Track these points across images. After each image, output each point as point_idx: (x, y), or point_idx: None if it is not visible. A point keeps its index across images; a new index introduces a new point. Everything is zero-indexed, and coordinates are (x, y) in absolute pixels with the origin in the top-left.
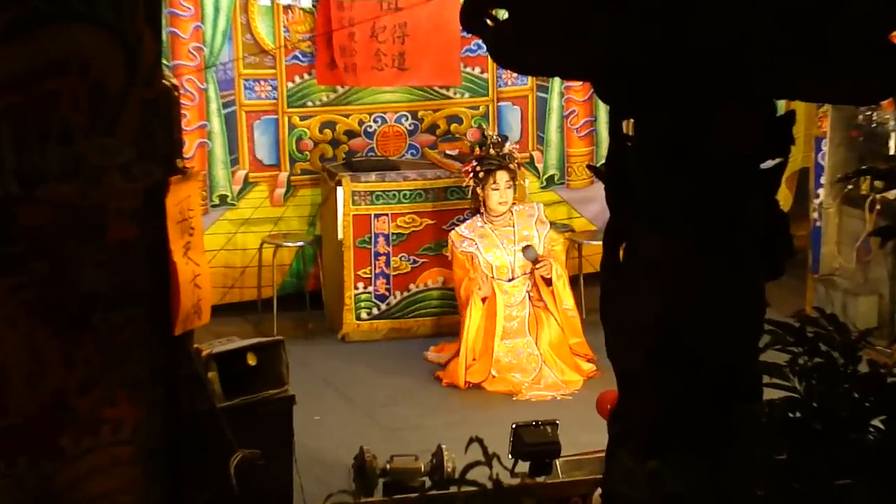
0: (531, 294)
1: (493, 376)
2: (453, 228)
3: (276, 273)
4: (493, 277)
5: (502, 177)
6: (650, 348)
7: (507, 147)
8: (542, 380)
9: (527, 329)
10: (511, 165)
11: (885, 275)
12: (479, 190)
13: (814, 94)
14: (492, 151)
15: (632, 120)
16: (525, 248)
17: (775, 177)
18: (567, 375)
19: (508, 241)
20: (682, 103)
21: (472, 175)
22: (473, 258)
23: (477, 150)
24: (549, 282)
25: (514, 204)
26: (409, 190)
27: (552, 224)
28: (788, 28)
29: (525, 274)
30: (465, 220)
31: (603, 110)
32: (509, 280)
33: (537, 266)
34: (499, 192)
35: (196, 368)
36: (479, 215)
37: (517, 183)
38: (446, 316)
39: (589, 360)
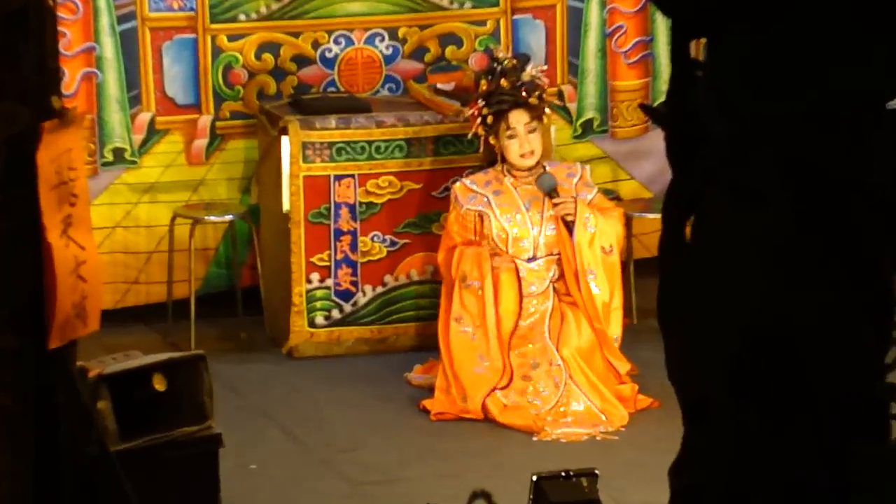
0: (555, 284)
1: (505, 405)
2: (458, 180)
3: (196, 261)
4: (506, 252)
5: (518, 118)
6: (732, 367)
7: (529, 71)
8: (570, 403)
9: (546, 330)
10: (531, 99)
11: None
12: (491, 139)
13: None
14: (504, 82)
15: (704, 39)
16: (539, 176)
17: None
18: (606, 402)
19: (535, 204)
20: (782, 15)
21: (479, 119)
22: (483, 219)
23: (483, 84)
24: (570, 229)
25: (542, 159)
26: (385, 141)
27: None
28: None
29: (553, 254)
30: (474, 171)
31: (662, 26)
32: (530, 259)
33: (556, 203)
34: (517, 140)
35: (80, 396)
36: (494, 166)
37: (542, 124)
38: (435, 322)
39: (626, 378)
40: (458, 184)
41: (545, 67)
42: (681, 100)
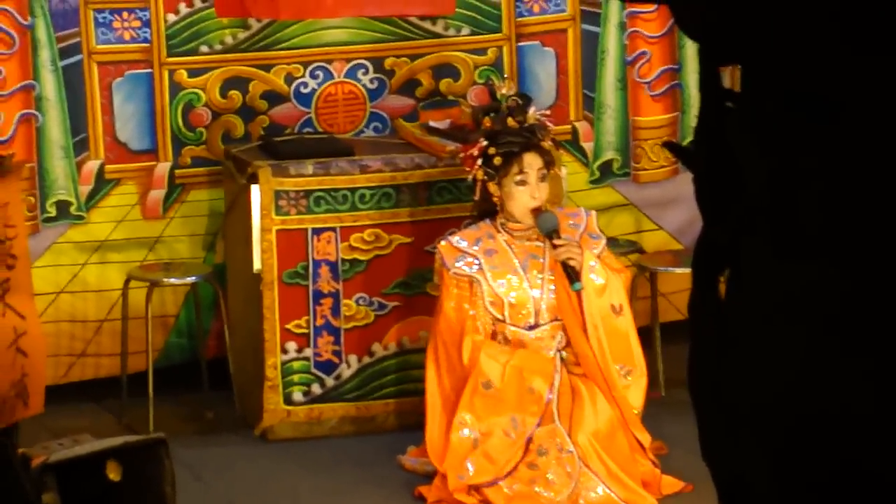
0: (563, 352)
1: (510, 496)
2: (444, 239)
3: (154, 330)
4: (502, 320)
5: (532, 162)
6: (776, 446)
7: (532, 114)
8: (586, 493)
9: (556, 410)
10: (545, 143)
11: None
12: (492, 185)
13: None
14: (511, 121)
15: (738, 66)
16: (539, 214)
17: None
18: (629, 491)
19: (533, 264)
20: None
21: (479, 161)
22: (473, 285)
23: (485, 121)
24: (572, 277)
25: (543, 207)
26: (371, 188)
27: (610, 240)
28: None
29: (558, 319)
30: (464, 227)
31: (692, 52)
32: (531, 328)
33: (556, 245)
34: (528, 187)
35: (22, 486)
36: (487, 220)
37: (552, 172)
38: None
39: (651, 455)
40: (443, 243)
41: (548, 111)
42: (712, 136)
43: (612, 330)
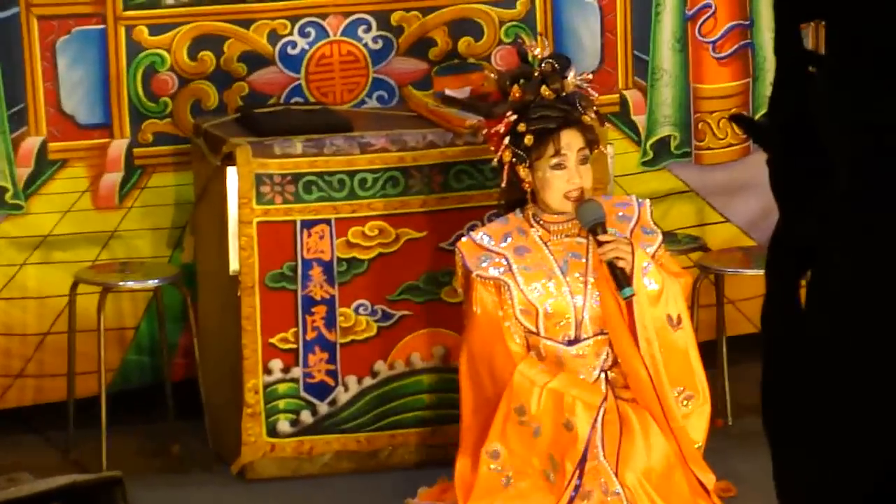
0: (609, 373)
1: None
2: (465, 234)
3: (108, 346)
4: (535, 333)
5: (571, 141)
6: (872, 487)
7: (572, 78)
8: None
9: (600, 444)
10: (587, 115)
11: None
12: (522, 169)
13: None
14: (546, 90)
15: (823, 22)
16: (580, 204)
17: None
18: None
19: (575, 265)
20: None
21: (506, 139)
22: (501, 290)
23: (514, 90)
24: (621, 281)
25: (586, 195)
26: (374, 171)
27: (667, 236)
28: None
29: (603, 333)
30: (489, 220)
31: (765, 4)
32: (571, 342)
33: (601, 241)
34: (566, 171)
35: None
36: (517, 212)
37: (596, 153)
38: (455, 425)
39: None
40: (464, 240)
41: (591, 76)
42: (791, 107)
43: (669, 346)
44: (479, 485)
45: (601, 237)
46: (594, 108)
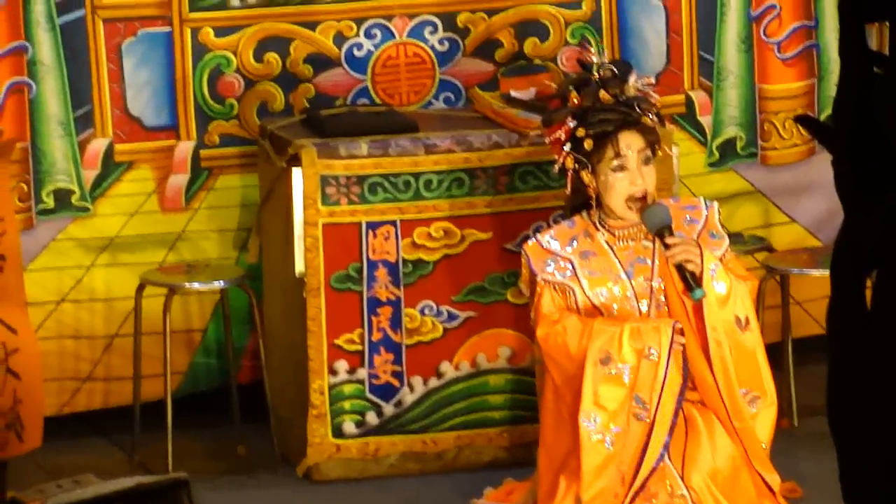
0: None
1: None
2: (531, 237)
3: (174, 348)
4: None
5: (630, 142)
6: None
7: (634, 82)
8: None
9: (666, 447)
10: (648, 118)
11: None
12: (585, 174)
13: None
14: (605, 94)
15: (889, 23)
16: (648, 208)
17: None
18: None
19: (640, 269)
20: None
21: (567, 145)
22: (567, 294)
23: (573, 96)
24: (691, 284)
25: (651, 198)
26: (439, 173)
27: (733, 237)
28: None
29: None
30: (555, 223)
31: (830, 5)
32: None
33: (669, 244)
34: (628, 173)
35: None
36: (584, 214)
37: (660, 154)
38: (520, 426)
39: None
40: (530, 243)
41: (653, 80)
42: (856, 108)
43: (738, 348)
44: (585, 454)
45: (668, 240)
46: (655, 109)
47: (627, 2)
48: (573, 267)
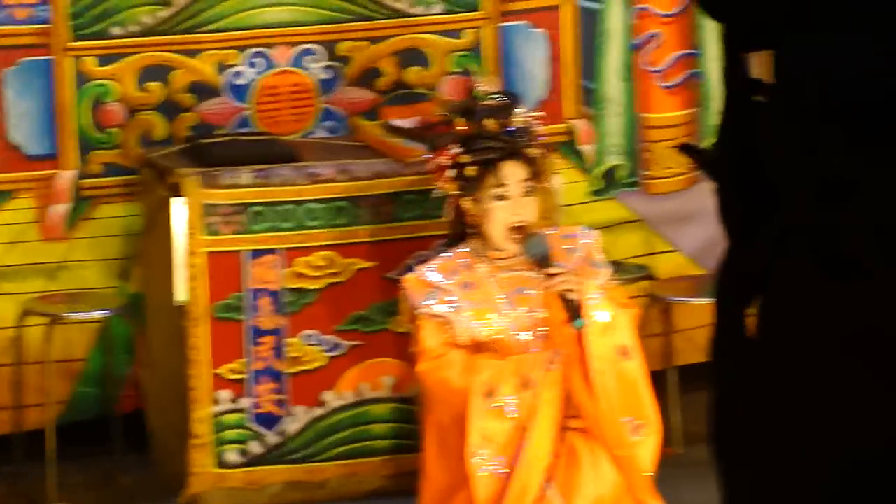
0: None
1: None
2: (412, 269)
3: (56, 378)
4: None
5: (513, 172)
6: None
7: (521, 113)
8: None
9: (548, 477)
10: (530, 149)
11: None
12: (466, 202)
13: None
14: (491, 123)
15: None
16: (528, 238)
17: None
18: None
19: (521, 300)
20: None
21: (452, 172)
22: (449, 327)
23: (459, 122)
24: (574, 313)
25: (531, 228)
26: (322, 201)
27: (615, 265)
28: None
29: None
30: (435, 254)
31: (712, 34)
32: None
33: (550, 274)
34: (510, 203)
35: None
36: (463, 246)
37: (542, 185)
38: (404, 455)
39: None
40: (409, 276)
41: (539, 112)
42: (738, 136)
43: (621, 376)
44: (478, 489)
45: (549, 270)
46: (540, 141)
47: (509, 31)
48: (454, 299)
